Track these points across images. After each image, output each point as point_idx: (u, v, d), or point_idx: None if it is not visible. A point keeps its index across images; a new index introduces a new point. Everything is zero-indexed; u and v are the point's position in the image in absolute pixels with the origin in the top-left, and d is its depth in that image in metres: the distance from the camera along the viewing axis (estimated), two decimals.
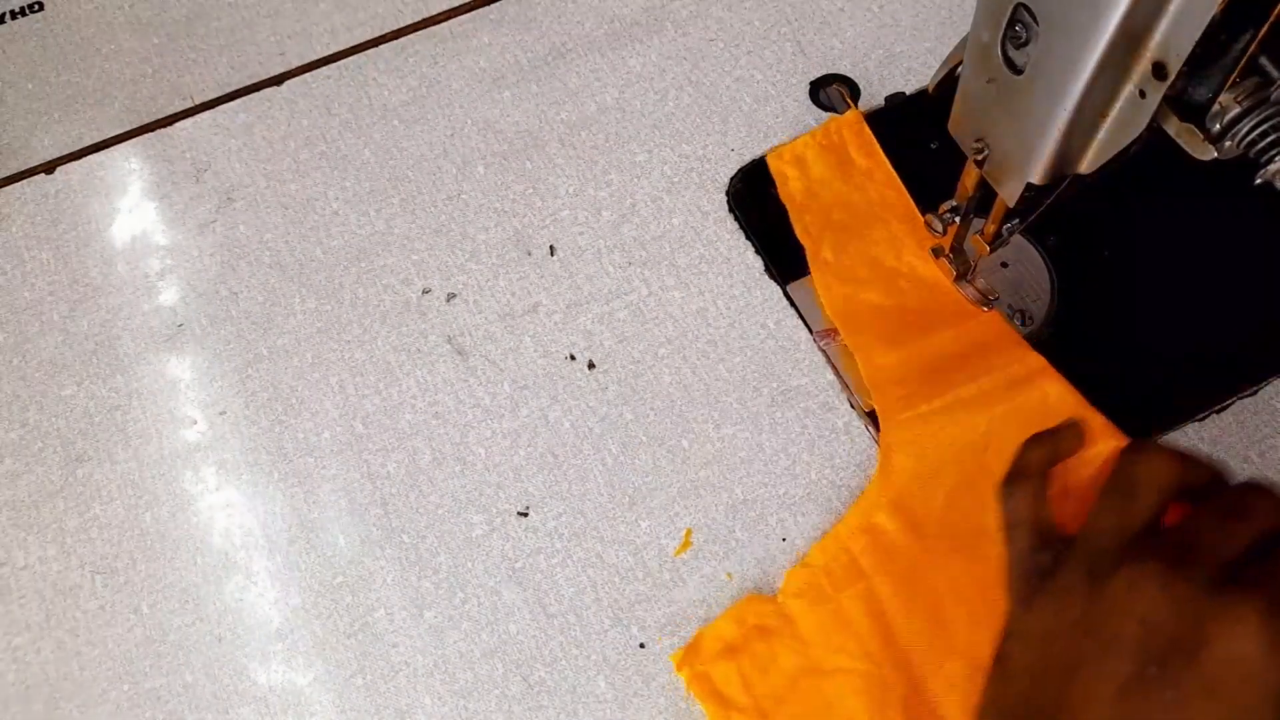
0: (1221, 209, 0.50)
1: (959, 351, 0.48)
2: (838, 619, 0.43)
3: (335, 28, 0.62)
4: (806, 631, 0.43)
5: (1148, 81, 0.32)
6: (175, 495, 0.49)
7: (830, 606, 0.43)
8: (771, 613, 0.44)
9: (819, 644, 0.43)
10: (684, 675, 0.43)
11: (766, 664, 0.43)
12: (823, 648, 0.43)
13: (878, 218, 0.52)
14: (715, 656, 0.43)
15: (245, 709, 0.44)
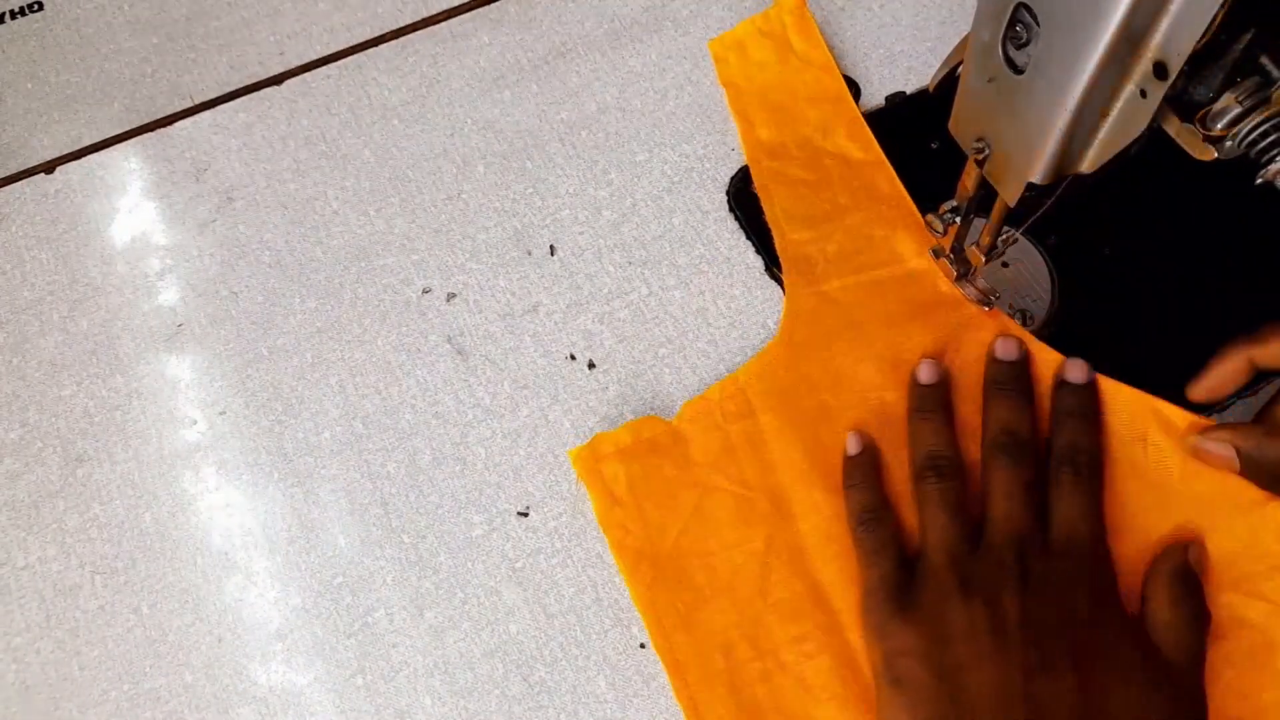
0: (1222, 209, 0.50)
1: (868, 234, 0.51)
2: (723, 445, 0.47)
3: (335, 27, 0.62)
4: (694, 452, 0.47)
5: (1148, 81, 0.32)
6: (175, 495, 0.49)
7: (719, 434, 0.47)
8: (665, 432, 0.48)
9: (703, 464, 0.47)
10: (577, 468, 0.48)
11: (652, 472, 0.47)
12: (705, 468, 0.47)
13: (812, 100, 0.55)
14: (608, 457, 0.47)
15: (245, 709, 0.44)
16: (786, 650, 0.43)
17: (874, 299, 0.49)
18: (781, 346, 0.49)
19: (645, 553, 0.45)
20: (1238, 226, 0.50)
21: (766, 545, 0.45)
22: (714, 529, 0.45)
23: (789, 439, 0.47)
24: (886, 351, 0.48)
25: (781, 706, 0.42)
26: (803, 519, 0.45)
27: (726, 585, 0.44)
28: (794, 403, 0.47)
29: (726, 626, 0.44)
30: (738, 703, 0.42)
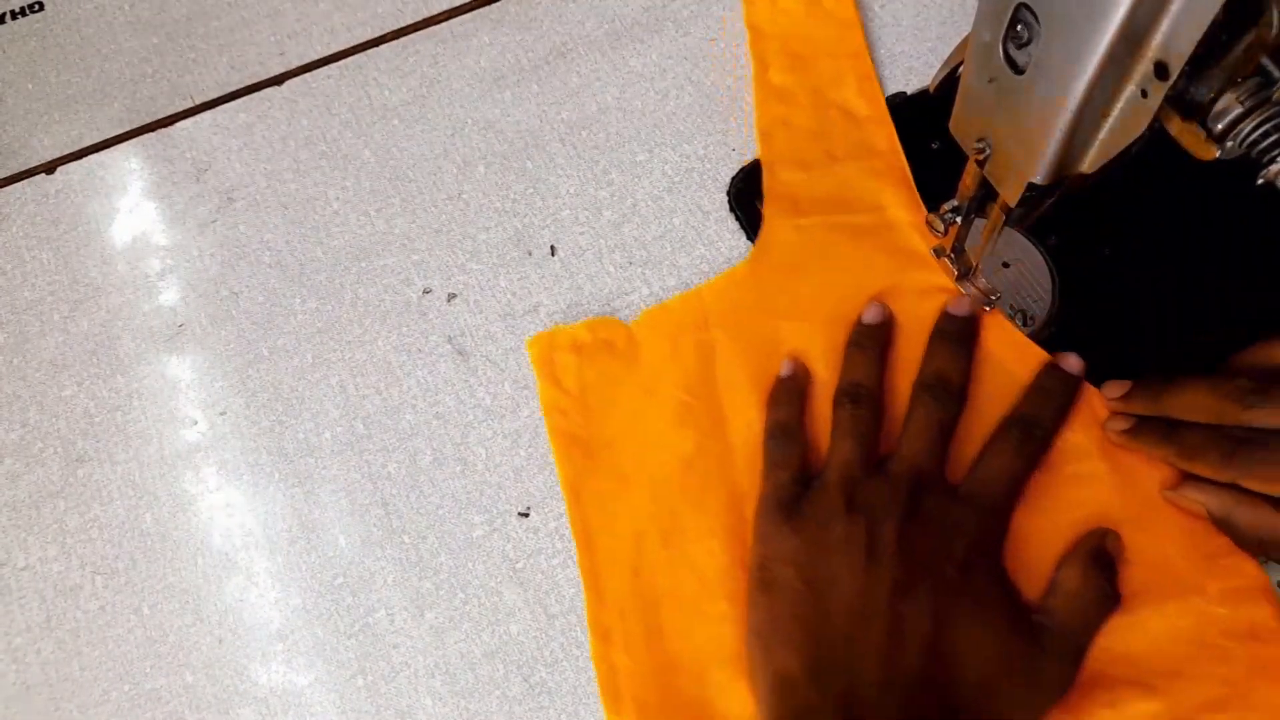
0: (1223, 209, 0.50)
1: (856, 183, 0.52)
2: (673, 353, 0.49)
3: (335, 27, 0.62)
4: (644, 355, 0.49)
5: (1149, 81, 0.32)
6: (176, 496, 0.49)
7: (671, 342, 0.49)
8: (621, 334, 0.50)
9: (651, 369, 0.49)
10: (531, 353, 0.50)
11: (601, 368, 0.49)
12: (652, 371, 0.49)
13: (831, 53, 0.56)
14: (563, 348, 0.50)
15: (246, 710, 0.44)
16: (693, 545, 0.45)
17: (848, 241, 0.51)
18: (748, 268, 0.51)
19: (579, 438, 0.48)
20: (1239, 227, 0.50)
21: (695, 449, 0.47)
22: (649, 428, 0.48)
23: (736, 356, 0.49)
24: (849, 291, 0.49)
25: (676, 594, 0.44)
26: (734, 432, 0.47)
27: (650, 479, 0.47)
28: (748, 323, 0.49)
29: (642, 516, 0.46)
30: (636, 586, 0.45)
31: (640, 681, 0.43)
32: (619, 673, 0.43)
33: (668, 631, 0.44)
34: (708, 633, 0.43)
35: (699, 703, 0.43)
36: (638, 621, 0.44)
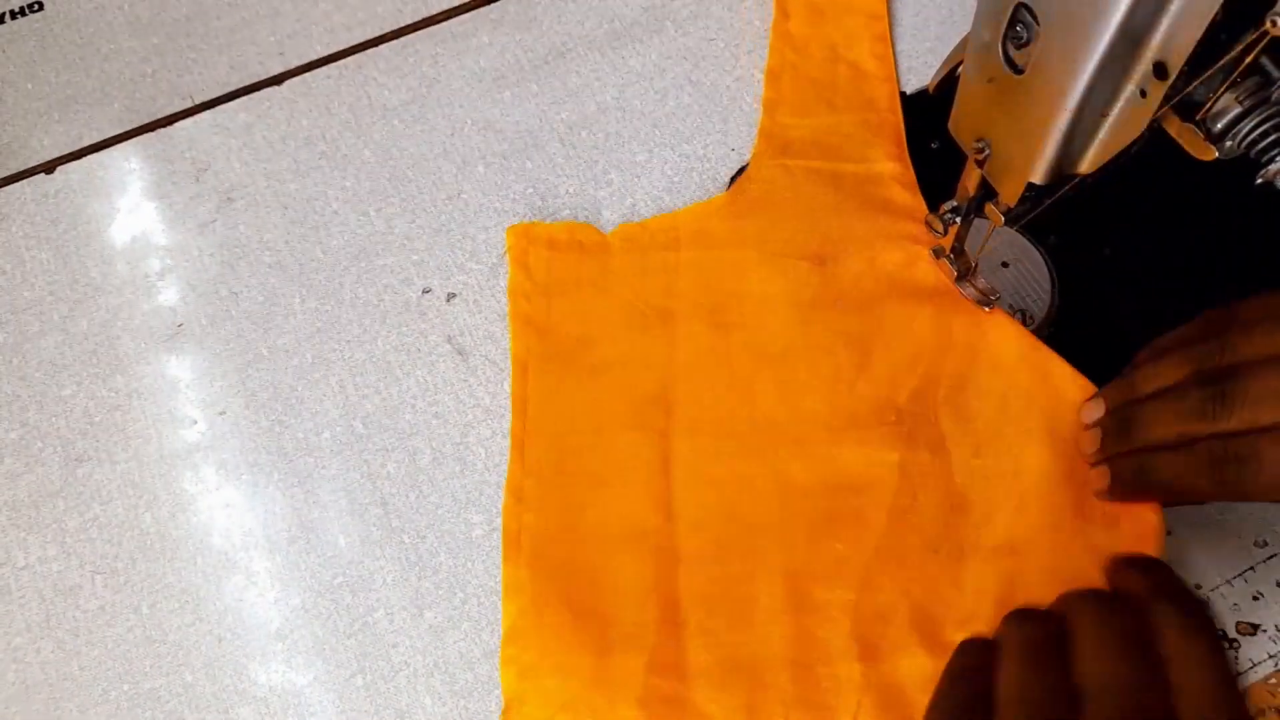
0: (1222, 209, 0.50)
1: (849, 134, 0.54)
2: (641, 266, 0.51)
3: (335, 27, 0.62)
4: (613, 263, 0.52)
5: (1148, 81, 0.32)
6: (175, 495, 0.49)
7: (640, 256, 0.52)
8: (596, 241, 0.52)
9: (617, 275, 0.51)
10: (508, 241, 0.52)
11: (571, 266, 0.52)
12: (617, 278, 0.51)
13: (851, 9, 0.58)
14: (539, 241, 0.52)
15: (245, 709, 0.44)
16: (619, 434, 0.47)
17: (829, 186, 0.52)
18: (726, 199, 0.53)
19: (535, 322, 0.50)
20: (1238, 227, 0.50)
21: (641, 354, 0.49)
22: (602, 327, 0.50)
23: (699, 276, 0.51)
24: (819, 232, 0.51)
25: (592, 475, 0.47)
26: (681, 345, 0.49)
27: (592, 370, 0.49)
28: (717, 248, 0.51)
29: (578, 400, 0.48)
30: (558, 460, 0.47)
31: (541, 539, 0.45)
32: (524, 529, 0.46)
33: (577, 504, 0.46)
34: (614, 511, 0.46)
35: (589, 569, 0.45)
36: (552, 489, 0.46)
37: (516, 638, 0.44)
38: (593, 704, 0.42)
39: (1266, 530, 0.44)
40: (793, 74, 0.56)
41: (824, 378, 0.47)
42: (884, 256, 0.50)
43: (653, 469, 0.46)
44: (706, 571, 0.44)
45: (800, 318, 0.49)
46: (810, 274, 0.50)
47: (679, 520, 0.45)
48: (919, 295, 0.49)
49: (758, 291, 0.50)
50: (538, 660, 0.43)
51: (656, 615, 0.43)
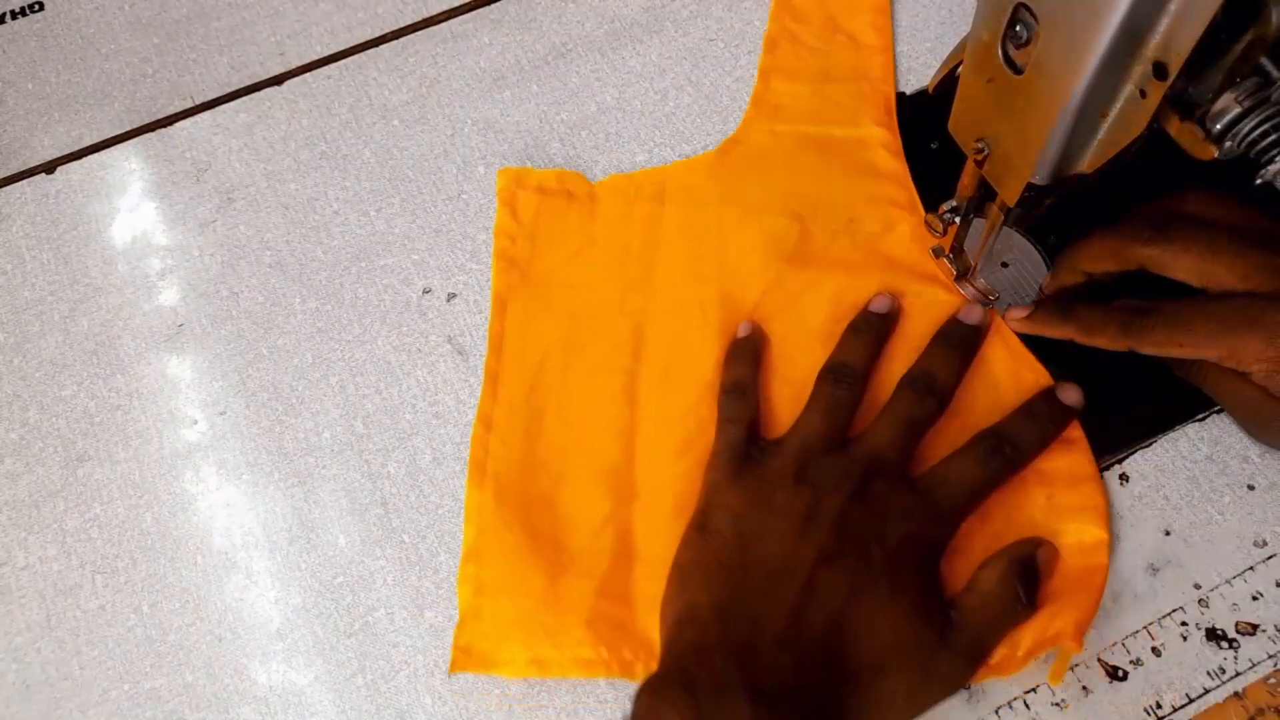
0: None
1: (838, 100, 0.55)
2: (625, 215, 0.53)
3: (335, 28, 0.62)
4: (599, 211, 0.54)
5: (1148, 81, 0.32)
6: (176, 495, 0.49)
7: (625, 207, 0.53)
8: (584, 189, 0.54)
9: (602, 222, 0.53)
10: (499, 183, 0.54)
11: (558, 212, 0.54)
12: (602, 226, 0.53)
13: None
14: (529, 187, 0.54)
15: (245, 709, 0.44)
16: (590, 375, 0.49)
17: (816, 149, 0.54)
18: (714, 157, 0.55)
19: (519, 262, 0.52)
20: None
21: (619, 299, 0.51)
22: (582, 273, 0.52)
23: (680, 231, 0.52)
24: (803, 192, 0.53)
25: (561, 412, 0.48)
26: (658, 293, 0.51)
27: (570, 312, 0.51)
28: (700, 204, 0.53)
29: (554, 340, 0.50)
30: (529, 395, 0.49)
31: (505, 466, 0.47)
32: (490, 456, 0.48)
33: (543, 436, 0.48)
34: (578, 445, 0.48)
35: (550, 498, 0.46)
36: (520, 421, 0.48)
37: (475, 557, 0.46)
38: (543, 621, 0.44)
39: (1266, 530, 0.44)
40: (790, 42, 0.58)
41: (794, 331, 0.49)
42: (863, 218, 0.52)
43: (619, 408, 0.48)
44: (660, 507, 0.45)
45: (776, 273, 0.50)
46: (789, 231, 0.51)
47: (639, 458, 0.47)
48: (894, 259, 0.50)
49: (737, 246, 0.51)
50: (494, 579, 0.45)
51: (611, 545, 0.45)
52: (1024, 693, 0.42)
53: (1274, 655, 0.42)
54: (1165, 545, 0.44)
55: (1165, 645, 0.42)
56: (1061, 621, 0.41)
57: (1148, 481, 0.45)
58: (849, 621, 0.38)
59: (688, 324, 0.50)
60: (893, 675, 0.38)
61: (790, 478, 0.42)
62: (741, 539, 0.41)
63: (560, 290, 0.51)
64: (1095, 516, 0.43)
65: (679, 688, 0.37)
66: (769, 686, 0.37)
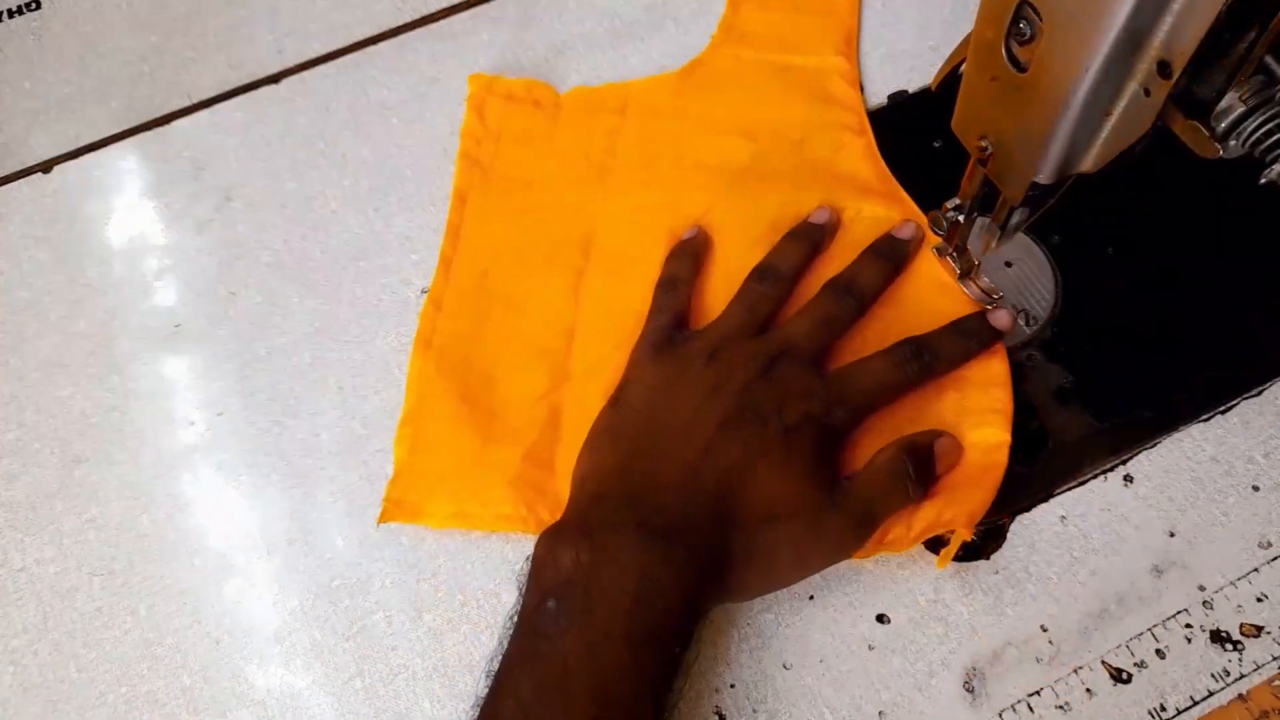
0: (1226, 208, 0.50)
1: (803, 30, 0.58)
2: (587, 126, 0.56)
3: (333, 26, 0.61)
4: (563, 119, 0.56)
5: (1152, 79, 0.31)
6: (173, 497, 0.49)
7: (588, 118, 0.56)
8: (550, 98, 0.57)
9: (565, 130, 0.56)
10: (470, 89, 0.57)
11: (523, 118, 0.56)
12: (565, 133, 0.56)
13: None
14: (498, 95, 0.57)
15: (243, 712, 0.44)
16: (539, 270, 0.52)
17: (776, 76, 0.56)
18: (677, 76, 0.57)
19: (482, 163, 0.55)
20: (1242, 226, 0.50)
21: (574, 201, 0.53)
22: (541, 174, 0.54)
23: (638, 140, 0.55)
24: (760, 116, 0.55)
25: (507, 299, 0.51)
26: (614, 196, 0.53)
27: (526, 211, 0.53)
28: (659, 119, 0.56)
29: (509, 234, 0.53)
30: (479, 280, 0.52)
31: (450, 340, 0.50)
32: (436, 331, 0.50)
33: (489, 318, 0.51)
34: (521, 329, 0.50)
35: (489, 373, 0.49)
36: (469, 303, 0.51)
37: (412, 420, 0.49)
38: (470, 478, 0.47)
39: (1271, 531, 0.44)
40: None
41: (737, 237, 0.51)
42: (814, 141, 0.54)
43: (565, 301, 0.51)
44: (591, 389, 0.47)
45: (724, 185, 0.53)
46: (741, 149, 0.54)
47: (577, 346, 0.50)
48: (840, 177, 0.52)
49: (691, 160, 0.54)
50: (428, 439, 0.48)
51: (542, 419, 0.48)
52: (1027, 695, 0.42)
53: (1279, 657, 0.42)
54: (1169, 547, 0.44)
55: (1169, 647, 0.42)
56: (955, 510, 0.43)
57: (1152, 483, 0.45)
58: (742, 476, 0.41)
59: (637, 229, 0.52)
60: (780, 524, 0.40)
61: (703, 358, 0.44)
62: (651, 409, 0.43)
63: (518, 188, 0.54)
64: (1000, 419, 0.45)
65: (574, 529, 0.40)
66: (660, 524, 0.39)
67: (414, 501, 0.47)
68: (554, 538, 0.40)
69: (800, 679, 0.43)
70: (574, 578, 0.38)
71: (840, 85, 0.55)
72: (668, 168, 0.54)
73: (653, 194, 0.53)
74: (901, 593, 0.44)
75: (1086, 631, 0.43)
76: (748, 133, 0.54)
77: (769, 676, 0.43)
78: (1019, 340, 0.48)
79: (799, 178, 0.52)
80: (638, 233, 0.52)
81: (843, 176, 0.52)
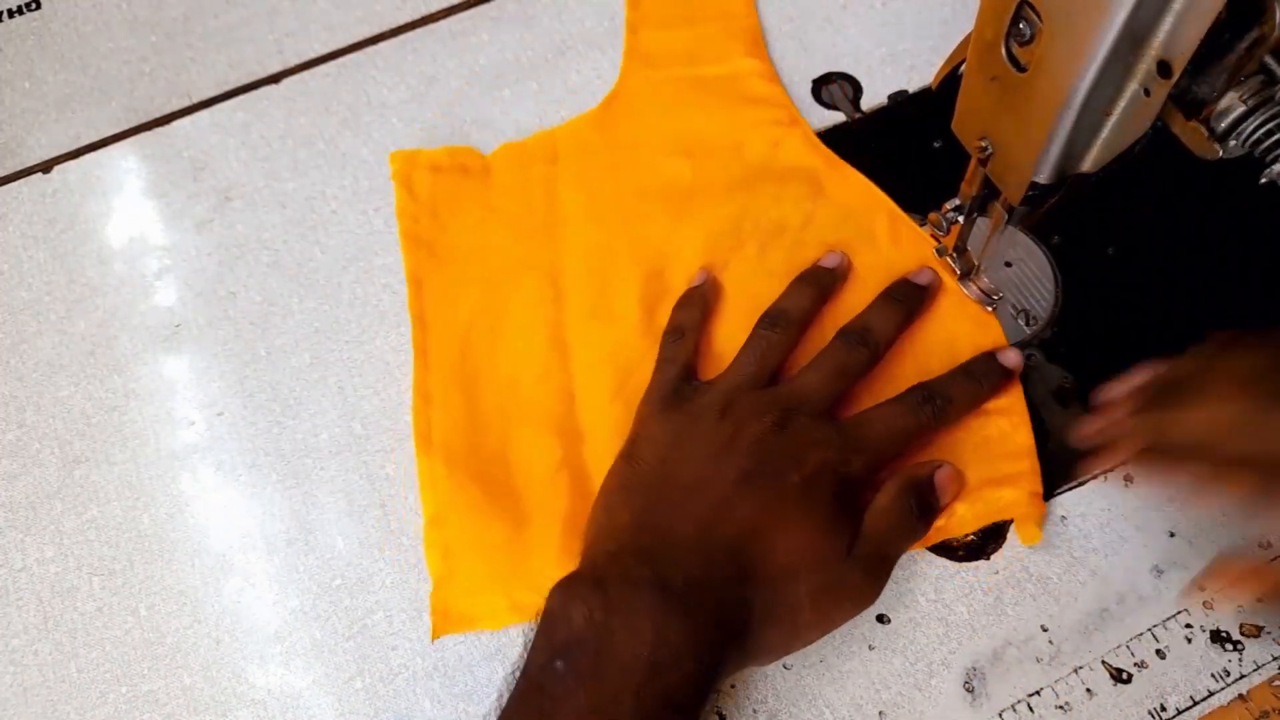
0: (1227, 209, 0.50)
1: (709, 38, 0.57)
2: (522, 180, 0.54)
3: (333, 25, 0.61)
4: (494, 180, 0.55)
5: (1152, 80, 0.32)
6: (173, 497, 0.49)
7: (521, 172, 0.55)
8: (477, 161, 0.55)
9: (500, 190, 0.54)
10: (392, 167, 0.55)
11: (454, 186, 0.54)
12: (501, 193, 0.54)
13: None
14: (422, 166, 0.55)
15: (243, 712, 0.44)
16: (516, 335, 0.50)
17: (694, 89, 0.56)
18: (599, 111, 0.56)
19: (425, 240, 0.53)
20: (1242, 226, 0.50)
21: (529, 257, 0.52)
22: (489, 236, 0.53)
23: (578, 184, 0.54)
24: (690, 130, 0.55)
25: (494, 372, 0.49)
26: (567, 240, 0.52)
27: (486, 279, 0.52)
28: (592, 157, 0.55)
29: (475, 309, 0.51)
30: (461, 363, 0.50)
31: (451, 432, 0.48)
32: (433, 426, 0.48)
33: (483, 398, 0.49)
34: (518, 403, 0.49)
35: (500, 452, 0.47)
36: (457, 388, 0.49)
37: (437, 523, 0.46)
38: (515, 568, 0.45)
39: (1270, 531, 0.44)
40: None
41: (702, 258, 0.51)
42: (751, 144, 0.54)
43: (551, 360, 0.49)
44: (608, 445, 0.46)
45: (675, 207, 0.52)
46: (681, 168, 0.53)
47: (579, 403, 0.48)
48: (785, 173, 0.52)
49: (633, 190, 0.53)
50: (460, 539, 0.46)
51: (567, 486, 0.46)
52: (1028, 695, 0.42)
53: (1279, 658, 0.42)
54: (1170, 547, 0.44)
55: (1170, 648, 0.42)
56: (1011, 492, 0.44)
57: (1152, 483, 0.45)
58: (760, 532, 0.39)
59: (601, 270, 0.51)
60: (801, 579, 0.39)
61: (716, 412, 0.43)
62: (663, 466, 0.42)
63: (470, 258, 0.52)
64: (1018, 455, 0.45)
65: (588, 584, 0.38)
66: (678, 581, 0.38)
67: (463, 609, 0.45)
68: (567, 591, 0.38)
69: (800, 679, 0.43)
70: (585, 637, 0.37)
71: (759, 84, 0.56)
72: (613, 202, 0.53)
73: (606, 231, 0.52)
74: (902, 593, 0.44)
75: (1087, 631, 0.43)
76: (683, 151, 0.54)
77: (769, 676, 0.43)
78: (1019, 340, 0.48)
79: (747, 182, 0.52)
80: (603, 273, 0.51)
81: (790, 170, 0.52)
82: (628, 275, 0.51)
